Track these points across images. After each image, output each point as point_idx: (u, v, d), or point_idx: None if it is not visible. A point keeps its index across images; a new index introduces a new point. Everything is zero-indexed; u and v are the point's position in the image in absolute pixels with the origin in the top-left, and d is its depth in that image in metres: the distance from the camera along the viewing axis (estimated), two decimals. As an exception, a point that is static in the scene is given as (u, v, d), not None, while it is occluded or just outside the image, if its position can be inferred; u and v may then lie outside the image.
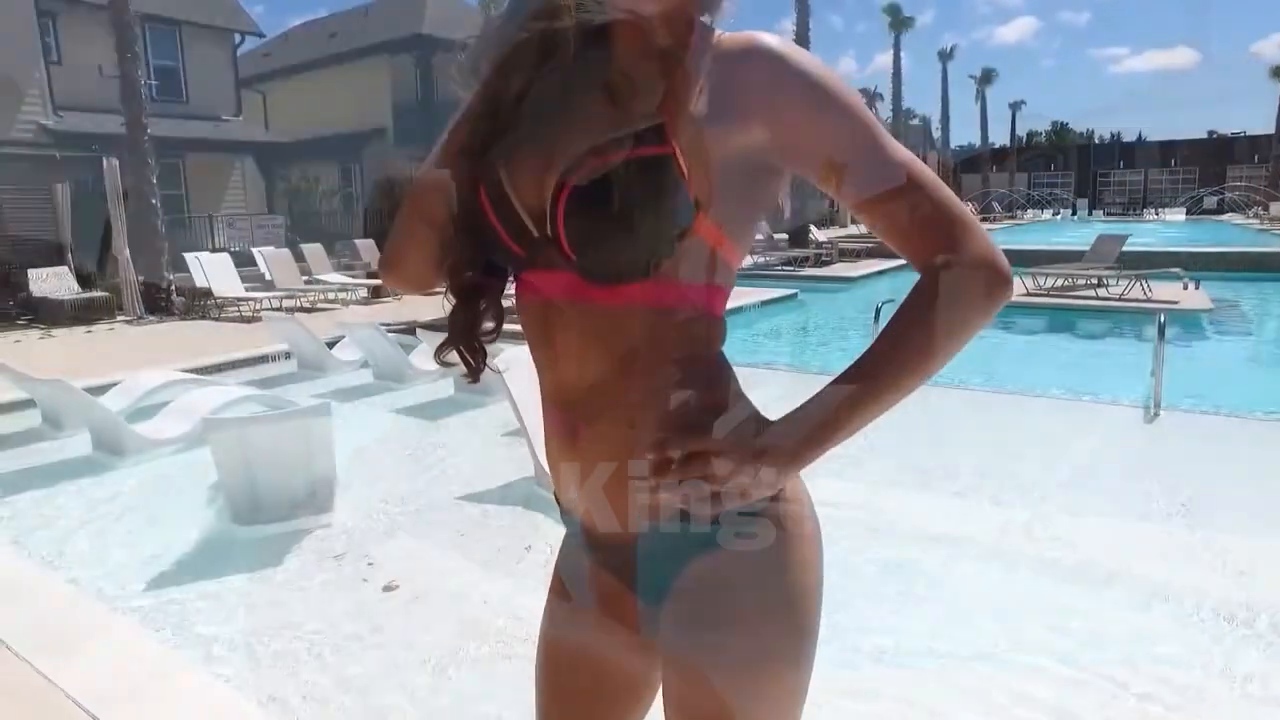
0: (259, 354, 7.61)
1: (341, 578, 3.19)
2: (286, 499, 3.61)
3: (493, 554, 3.37)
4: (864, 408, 0.78)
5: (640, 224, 0.77)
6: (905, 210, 0.79)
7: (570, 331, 0.84)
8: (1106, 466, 4.47)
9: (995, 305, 0.79)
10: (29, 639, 2.52)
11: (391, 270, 0.99)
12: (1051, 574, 3.12)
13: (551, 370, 0.88)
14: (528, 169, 0.83)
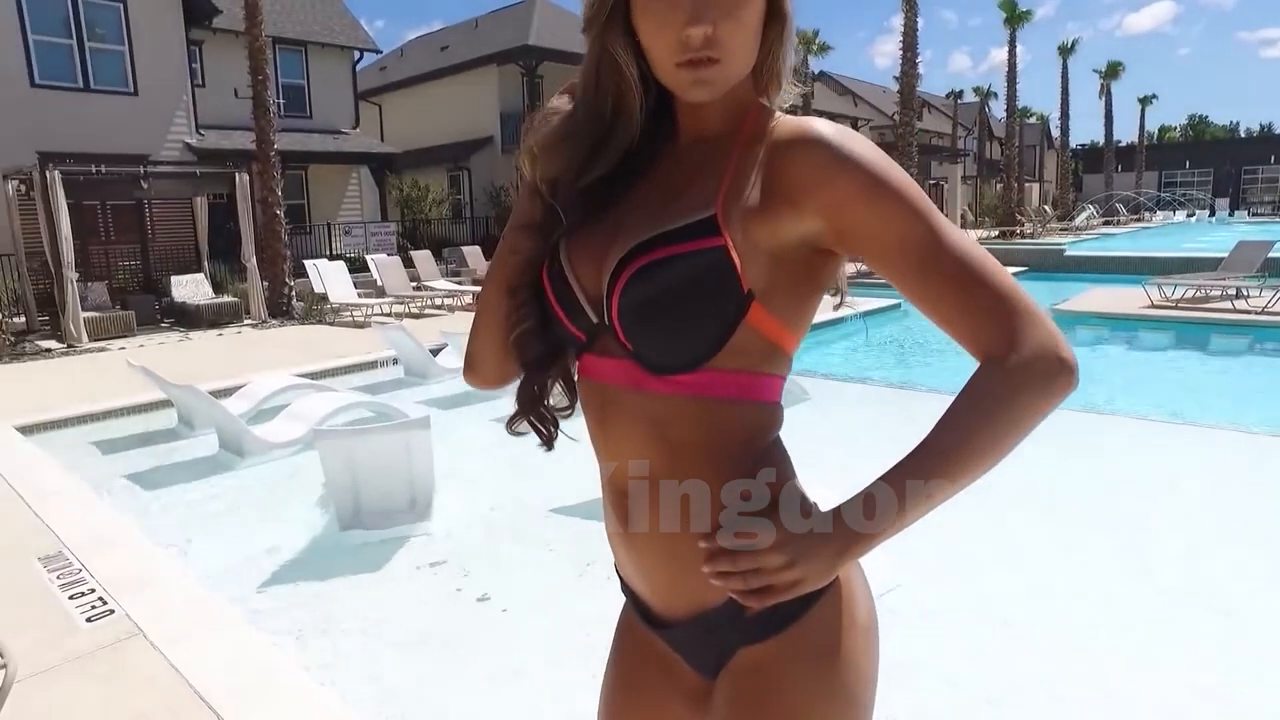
0: (369, 359, 8.00)
1: (438, 587, 3.31)
2: (388, 506, 3.78)
3: (581, 569, 3.42)
4: (917, 504, 0.75)
5: (695, 316, 0.78)
6: (963, 299, 0.76)
7: (626, 416, 0.85)
8: (1246, 505, 4.11)
9: (1058, 399, 0.75)
10: (160, 629, 2.74)
11: (473, 369, 0.99)
12: (1195, 630, 2.90)
13: (608, 452, 0.89)
14: (585, 256, 0.85)
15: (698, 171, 0.84)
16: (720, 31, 0.77)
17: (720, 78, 0.79)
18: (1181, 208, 42.14)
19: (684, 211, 0.80)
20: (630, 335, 0.81)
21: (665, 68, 0.80)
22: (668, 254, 0.78)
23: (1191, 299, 10.34)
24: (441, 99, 26.23)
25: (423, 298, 12.86)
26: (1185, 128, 78.58)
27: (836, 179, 0.77)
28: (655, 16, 0.78)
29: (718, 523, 0.81)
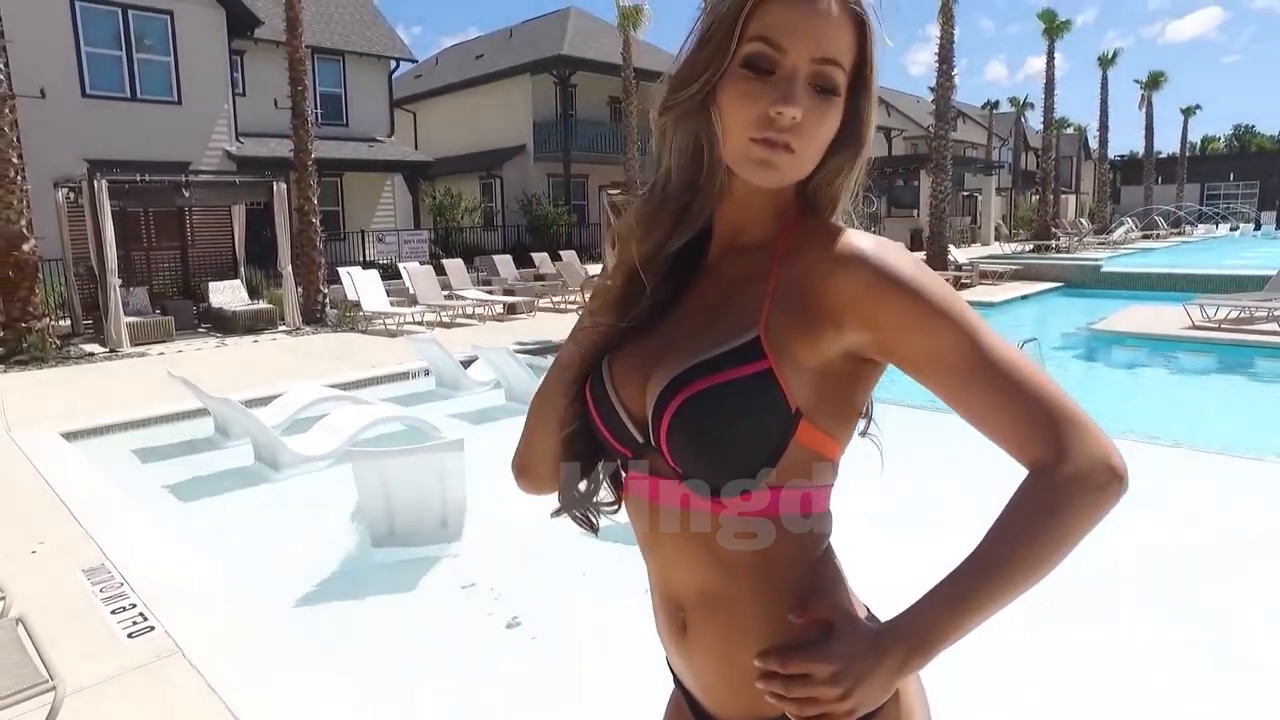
0: (401, 371, 8.09)
1: (470, 610, 3.34)
2: (420, 526, 3.82)
3: (613, 595, 3.43)
4: (970, 618, 0.74)
5: (744, 440, 0.78)
6: (1010, 410, 0.76)
7: (674, 533, 0.85)
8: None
9: (1108, 508, 0.74)
10: (199, 647, 2.79)
11: (524, 474, 1.00)
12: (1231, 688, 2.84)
13: (657, 564, 0.90)
14: (628, 375, 0.87)
15: (737, 287, 0.85)
16: (805, 125, 0.78)
17: (788, 168, 0.79)
18: (1224, 221, 41.19)
19: (727, 334, 0.81)
20: (680, 461, 0.81)
21: (738, 141, 0.79)
22: (714, 382, 0.78)
23: (1235, 320, 10.10)
24: (475, 107, 26.54)
25: (454, 307, 12.98)
26: (1230, 138, 76.88)
27: (880, 298, 0.77)
28: (744, 89, 0.78)
29: (773, 640, 0.81)
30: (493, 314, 13.21)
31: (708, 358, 0.80)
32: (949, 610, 0.74)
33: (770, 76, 0.77)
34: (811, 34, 0.76)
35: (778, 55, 0.77)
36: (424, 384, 7.78)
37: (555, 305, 14.61)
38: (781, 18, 0.77)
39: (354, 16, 21.26)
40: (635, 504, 0.90)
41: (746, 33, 0.77)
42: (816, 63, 0.77)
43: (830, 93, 0.78)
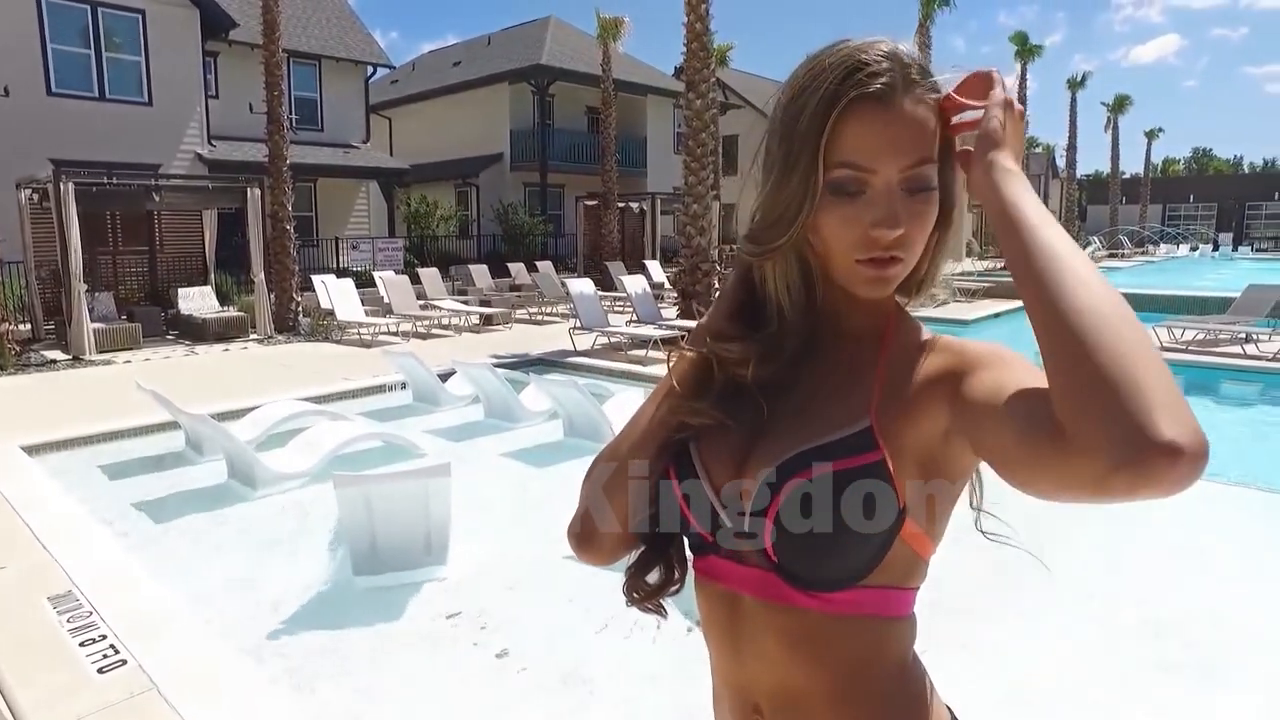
0: (377, 384, 7.95)
1: (456, 639, 3.25)
2: (404, 551, 3.73)
3: (600, 625, 3.36)
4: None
5: (855, 533, 0.75)
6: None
7: (762, 629, 0.81)
8: (1267, 565, 4.06)
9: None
10: (173, 683, 2.68)
11: (588, 546, 0.91)
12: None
13: (733, 660, 0.85)
14: (720, 456, 0.83)
15: (841, 375, 0.82)
16: (909, 234, 0.75)
17: (898, 277, 0.78)
18: (1185, 242, 42.29)
19: (837, 422, 0.78)
20: (782, 550, 0.78)
21: (844, 263, 0.78)
22: (830, 470, 0.75)
23: (1201, 342, 10.32)
24: (452, 114, 26.39)
25: (430, 317, 12.83)
26: (1189, 161, 79.06)
27: (964, 368, 0.75)
28: (840, 215, 0.76)
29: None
30: (469, 325, 13.08)
31: (821, 444, 0.77)
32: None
33: (862, 196, 0.75)
34: (895, 147, 0.74)
35: (867, 175, 0.74)
36: (401, 398, 7.65)
37: (532, 317, 14.52)
38: (863, 138, 0.74)
39: (331, 21, 21.04)
40: (712, 591, 0.85)
41: (830, 159, 0.74)
42: (907, 169, 0.75)
43: (927, 190, 0.76)
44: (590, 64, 23.25)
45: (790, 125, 0.76)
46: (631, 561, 0.91)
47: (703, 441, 0.85)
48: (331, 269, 16.57)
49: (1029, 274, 0.65)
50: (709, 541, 0.83)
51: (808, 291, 0.82)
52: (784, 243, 0.78)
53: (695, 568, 0.87)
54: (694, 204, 11.47)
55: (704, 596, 0.87)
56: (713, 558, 0.84)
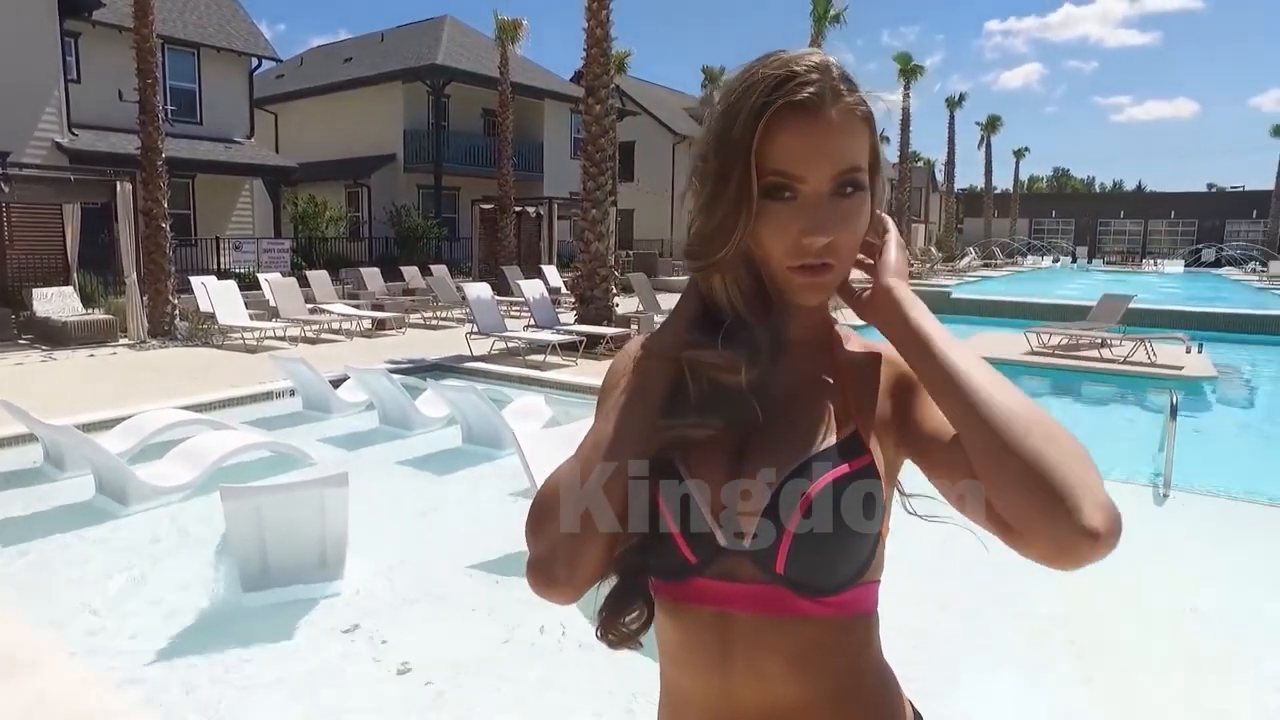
0: (264, 390, 7.57)
1: (355, 656, 3.13)
2: (298, 566, 3.56)
3: (506, 633, 3.31)
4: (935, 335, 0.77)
5: (856, 535, 0.77)
6: None
7: (755, 646, 0.79)
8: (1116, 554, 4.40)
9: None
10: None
11: (557, 586, 0.80)
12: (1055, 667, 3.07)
13: (719, 684, 0.81)
14: (717, 477, 0.80)
15: (809, 381, 0.84)
16: (839, 240, 0.77)
17: (832, 283, 0.80)
18: (1048, 254, 45.61)
19: (826, 428, 0.81)
20: (795, 560, 0.77)
21: (779, 270, 0.79)
22: (837, 475, 0.77)
23: (1065, 346, 11.14)
24: (343, 112, 25.48)
25: (319, 322, 12.32)
26: (1051, 179, 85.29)
27: (911, 385, 0.82)
28: (772, 222, 0.77)
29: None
30: (361, 329, 12.65)
31: (822, 450, 0.79)
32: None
33: (793, 203, 0.76)
34: (824, 155, 0.76)
35: (796, 184, 0.76)
36: (290, 405, 7.31)
37: (426, 321, 14.17)
38: (792, 147, 0.75)
39: (212, 8, 19.92)
40: (694, 616, 0.81)
41: (761, 168, 0.76)
42: (837, 177, 0.77)
43: (856, 192, 0.78)
44: (487, 66, 22.94)
45: (723, 136, 0.77)
46: (601, 603, 0.85)
47: (689, 457, 0.81)
48: (212, 270, 15.68)
49: (945, 392, 0.72)
50: (692, 564, 0.80)
51: (763, 297, 0.82)
52: (725, 254, 0.79)
53: (669, 594, 0.82)
54: (592, 209, 11.49)
55: (681, 622, 0.82)
56: (696, 580, 0.80)
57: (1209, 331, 12.54)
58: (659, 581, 0.83)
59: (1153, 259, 44.27)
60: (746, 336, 0.81)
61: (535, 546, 0.82)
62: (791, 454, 0.79)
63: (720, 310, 0.83)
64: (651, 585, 0.84)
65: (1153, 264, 41.34)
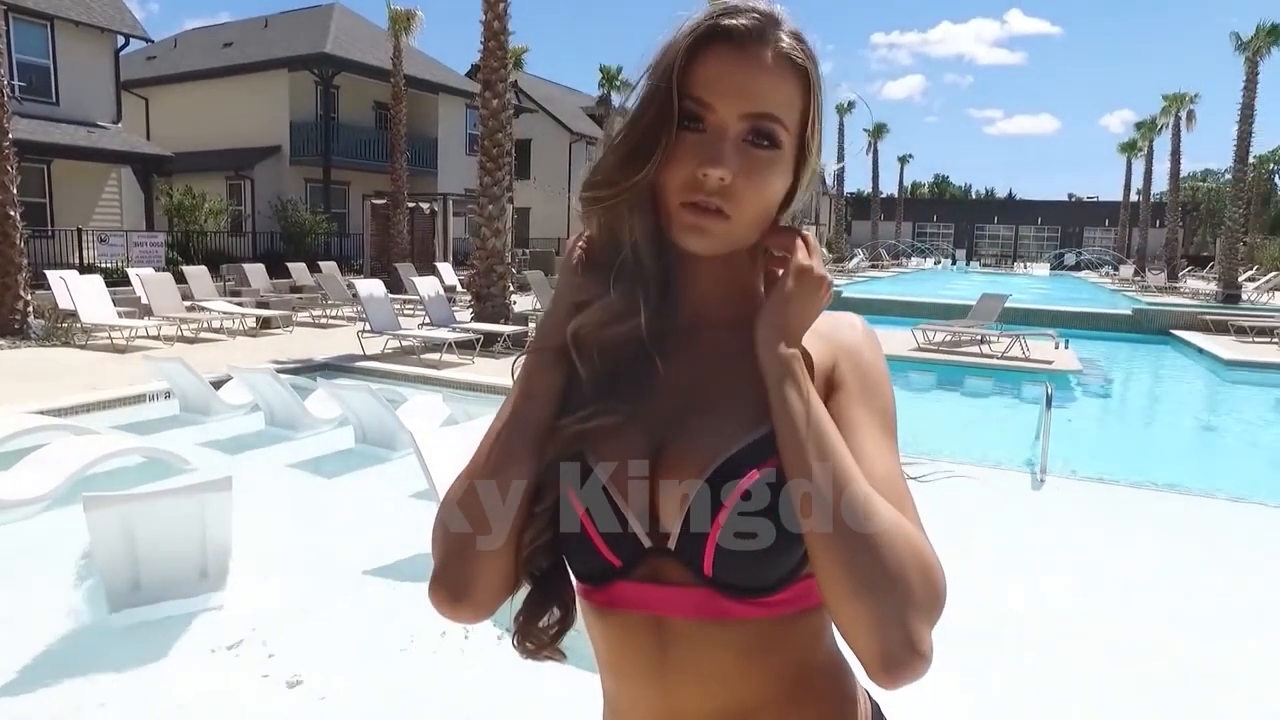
0: (135, 393, 7.02)
1: (240, 672, 2.92)
2: (175, 579, 3.30)
3: (406, 641, 3.17)
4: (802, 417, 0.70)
5: (788, 533, 0.69)
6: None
7: (692, 650, 0.73)
8: (998, 537, 4.65)
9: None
10: None
11: (462, 602, 0.74)
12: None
13: (657, 690, 0.76)
14: (634, 470, 0.74)
15: (727, 367, 0.77)
16: (737, 187, 0.71)
17: (721, 234, 0.73)
18: (931, 256, 48.14)
19: (750, 418, 0.73)
20: (722, 563, 0.71)
21: (671, 204, 0.73)
22: (761, 471, 0.70)
23: (948, 343, 11.74)
24: (223, 100, 24.07)
25: (198, 320, 11.57)
26: (932, 186, 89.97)
27: (836, 379, 0.77)
28: (679, 151, 0.72)
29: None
30: (244, 328, 11.96)
31: (747, 444, 0.72)
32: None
33: (701, 134, 0.72)
34: (740, 88, 0.71)
35: (705, 112, 0.72)
36: (166, 408, 6.81)
37: (315, 320, 13.56)
38: (711, 74, 0.71)
39: (70, -20, 18.39)
40: (624, 621, 0.75)
41: (680, 91, 0.71)
42: (750, 118, 0.71)
43: (769, 147, 0.72)
44: (379, 57, 22.18)
45: (655, 62, 0.74)
46: (517, 610, 0.79)
47: (601, 451, 0.75)
48: (73, 264, 14.47)
49: (798, 481, 0.67)
50: (616, 566, 0.74)
51: (661, 241, 0.76)
52: (642, 177, 0.72)
53: (594, 599, 0.77)
54: (489, 205, 11.28)
55: (611, 627, 0.77)
56: (621, 583, 0.74)
57: (1072, 329, 13.49)
58: (583, 585, 0.78)
59: (1023, 262, 47.48)
60: (638, 274, 0.76)
61: (434, 560, 0.76)
62: (718, 445, 0.72)
63: (610, 262, 0.77)
64: (577, 589, 0.79)
65: (1023, 267, 44.31)
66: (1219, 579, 4.07)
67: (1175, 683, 3.06)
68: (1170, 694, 2.99)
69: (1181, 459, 7.63)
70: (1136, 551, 4.41)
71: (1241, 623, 3.59)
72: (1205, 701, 2.96)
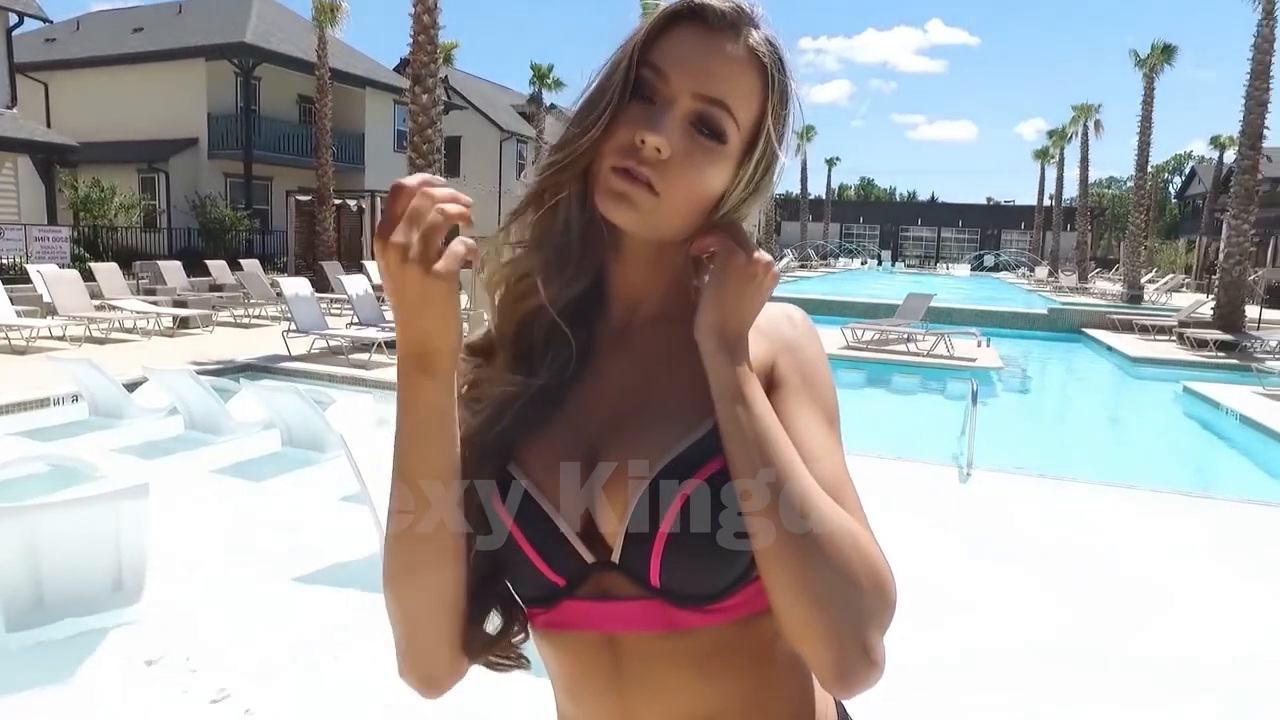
0: (38, 397, 6.61)
1: (159, 688, 2.76)
2: (84, 594, 3.10)
3: (338, 649, 3.06)
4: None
5: (736, 534, 0.66)
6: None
7: (648, 664, 0.70)
8: (930, 528, 4.78)
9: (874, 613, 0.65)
10: None
11: (433, 683, 0.73)
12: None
13: (615, 708, 0.73)
14: (569, 481, 0.70)
15: (663, 368, 0.74)
16: (672, 165, 0.68)
17: (647, 210, 0.69)
18: (858, 256, 49.41)
19: (688, 419, 0.70)
20: (669, 573, 0.67)
21: (603, 166, 0.70)
22: (710, 472, 0.67)
23: (876, 341, 12.05)
24: (134, 88, 22.93)
25: (109, 320, 10.98)
26: (858, 188, 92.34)
27: (778, 375, 0.75)
28: (624, 118, 0.69)
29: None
30: (160, 328, 11.41)
31: (688, 446, 0.68)
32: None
33: (650, 105, 0.69)
34: (698, 67, 0.69)
35: (659, 82, 0.69)
36: (73, 412, 6.44)
37: (237, 320, 13.04)
38: (673, 45, 0.70)
39: (-42, -43, 17.22)
40: (573, 640, 0.72)
41: (640, 60, 0.70)
42: (701, 100, 0.69)
43: (714, 138, 0.69)
44: (302, 48, 21.50)
45: (626, 41, 0.72)
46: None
47: (527, 462, 0.72)
48: (-36, 261, 13.56)
49: (741, 483, 0.65)
50: (560, 586, 0.70)
51: (595, 228, 0.73)
52: (589, 138, 0.69)
53: (542, 621, 0.73)
54: (423, 202, 11.03)
55: (561, 648, 0.73)
56: (567, 602, 0.70)
57: (993, 327, 14.02)
58: (529, 608, 0.74)
59: (945, 263, 49.15)
60: (565, 248, 0.73)
61: (395, 641, 0.72)
62: (657, 448, 0.69)
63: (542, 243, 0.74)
64: (525, 612, 0.75)
65: (945, 268, 45.87)
66: (1129, 558, 4.28)
67: (1088, 653, 3.20)
68: (1085, 668, 3.12)
69: (1096, 450, 8.02)
70: (1059, 539, 4.60)
71: (1147, 596, 3.77)
72: (1114, 672, 3.10)
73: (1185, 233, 44.89)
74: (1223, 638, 3.48)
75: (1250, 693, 3.08)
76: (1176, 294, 25.50)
